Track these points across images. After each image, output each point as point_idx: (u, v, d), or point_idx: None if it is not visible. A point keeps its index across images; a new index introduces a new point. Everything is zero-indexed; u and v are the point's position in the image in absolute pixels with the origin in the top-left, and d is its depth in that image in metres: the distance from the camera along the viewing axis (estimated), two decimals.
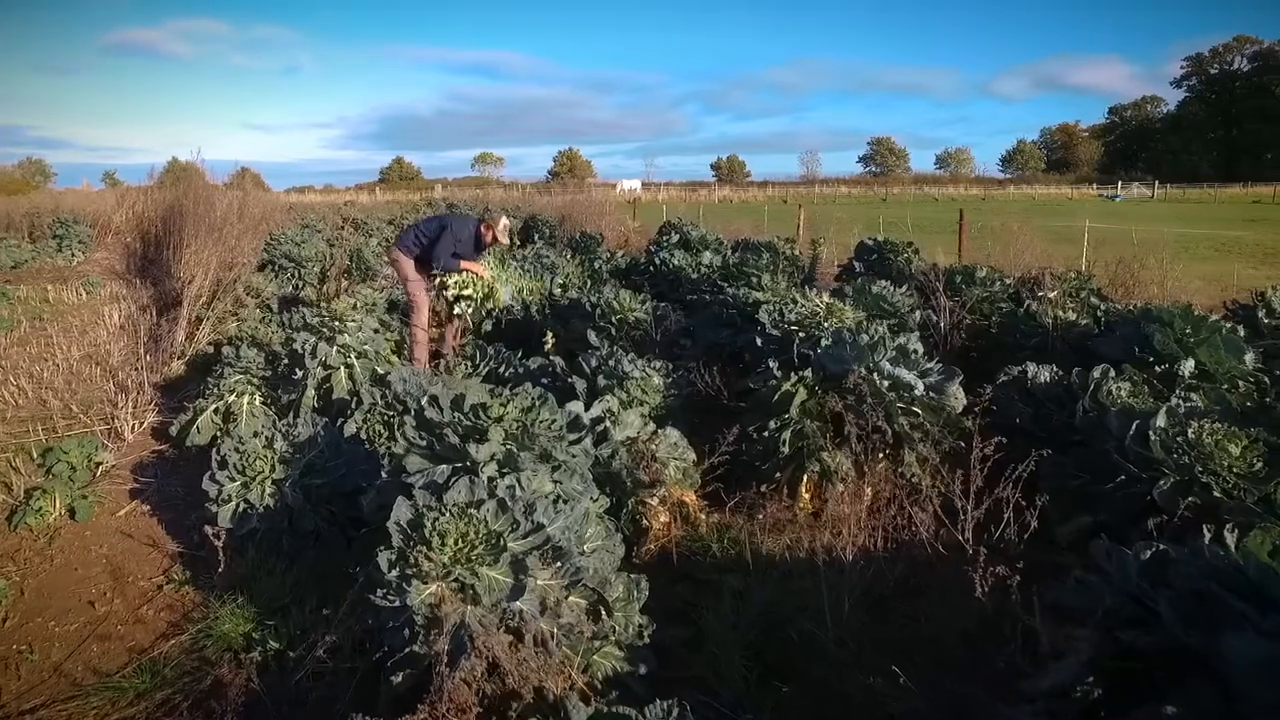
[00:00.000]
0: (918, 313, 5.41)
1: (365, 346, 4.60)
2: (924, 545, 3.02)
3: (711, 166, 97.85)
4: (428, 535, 2.19)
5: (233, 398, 4.60)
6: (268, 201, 13.42)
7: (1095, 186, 61.99)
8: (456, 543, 2.20)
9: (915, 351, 3.91)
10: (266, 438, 3.39)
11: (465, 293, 5.72)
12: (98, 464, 4.20)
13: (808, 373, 3.94)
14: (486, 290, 5.77)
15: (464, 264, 5.71)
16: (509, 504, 2.31)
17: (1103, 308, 5.17)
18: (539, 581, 2.23)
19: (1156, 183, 55.32)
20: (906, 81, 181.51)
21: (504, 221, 5.92)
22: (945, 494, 3.48)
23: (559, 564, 2.30)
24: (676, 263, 8.92)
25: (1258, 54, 78.71)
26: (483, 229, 5.85)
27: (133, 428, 4.90)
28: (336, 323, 4.51)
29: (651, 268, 9.25)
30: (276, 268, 8.30)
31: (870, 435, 3.44)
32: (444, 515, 2.25)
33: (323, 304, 6.38)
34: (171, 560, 3.35)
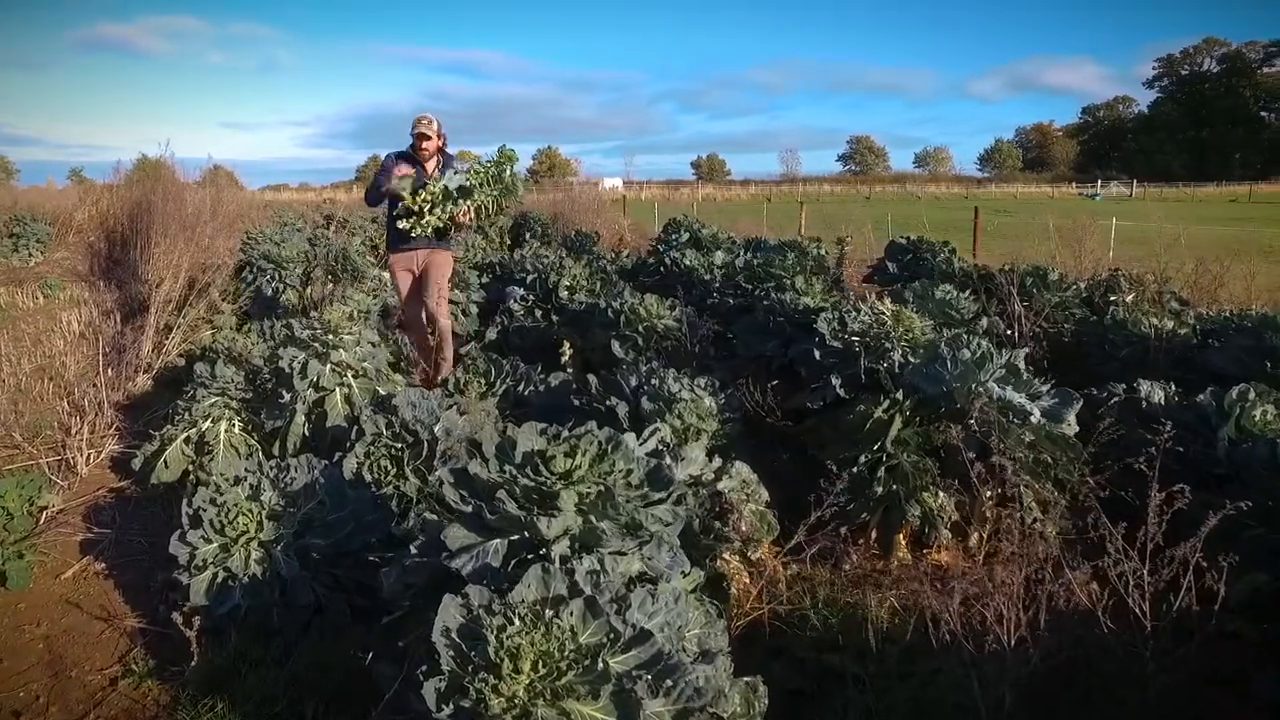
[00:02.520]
0: (984, 320, 4.84)
1: (364, 364, 3.92)
2: (1081, 617, 2.43)
3: (692, 165, 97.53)
4: (494, 656, 1.55)
5: (207, 424, 3.89)
6: (243, 199, 12.58)
7: (1075, 185, 62.46)
8: (535, 666, 1.55)
9: (1026, 370, 3.33)
10: (251, 485, 2.71)
11: (412, 207, 4.58)
12: (41, 508, 3.48)
13: (899, 394, 3.33)
14: (428, 197, 4.58)
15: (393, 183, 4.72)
16: (600, 603, 1.67)
17: (1192, 314, 4.63)
18: (648, 711, 1.59)
19: (1135, 181, 55.80)
20: (883, 81, 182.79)
21: (427, 115, 4.87)
22: (1071, 540, 2.93)
23: (668, 682, 1.67)
24: (689, 263, 8.30)
25: (1226, 56, 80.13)
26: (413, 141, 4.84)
27: (88, 459, 4.16)
28: (330, 336, 3.82)
29: (662, 268, 8.63)
30: (255, 269, 7.55)
31: (999, 474, 2.84)
32: (512, 623, 1.61)
33: (311, 312, 5.67)
34: (131, 641, 2.66)
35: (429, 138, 4.81)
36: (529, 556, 1.90)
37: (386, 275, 8.88)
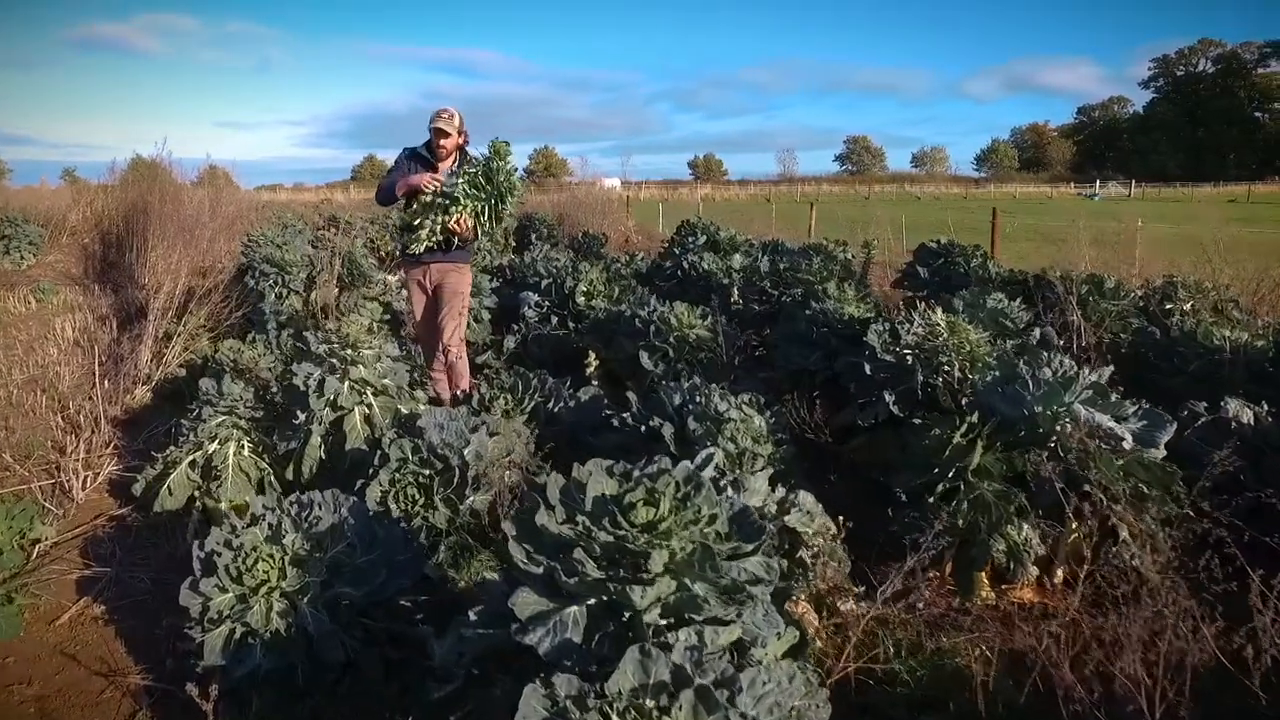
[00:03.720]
0: (1036, 330, 4.57)
1: (385, 381, 3.62)
2: (1212, 676, 2.15)
3: (689, 165, 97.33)
4: None
5: (215, 446, 3.60)
6: (241, 199, 12.24)
7: (1073, 185, 62.44)
8: None
9: (1115, 391, 3.05)
10: (270, 525, 2.41)
11: (425, 220, 4.17)
12: (34, 541, 3.18)
13: (974, 417, 3.05)
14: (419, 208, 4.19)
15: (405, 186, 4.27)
16: (711, 692, 1.38)
17: (1259, 324, 4.37)
18: None
19: (1133, 182, 55.80)
20: (877, 81, 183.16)
21: (447, 108, 4.37)
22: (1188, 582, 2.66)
23: None
24: (707, 266, 8.02)
25: (1221, 56, 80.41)
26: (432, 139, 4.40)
27: (84, 482, 3.86)
28: (349, 351, 3.52)
29: (679, 272, 8.34)
30: (257, 274, 7.23)
31: (1094, 506, 2.56)
32: None
33: (326, 324, 5.36)
34: (135, 701, 2.36)
35: (448, 135, 4.34)
36: (614, 629, 1.61)
37: (392, 279, 8.60)
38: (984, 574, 2.90)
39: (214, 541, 2.37)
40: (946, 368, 3.88)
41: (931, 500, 2.91)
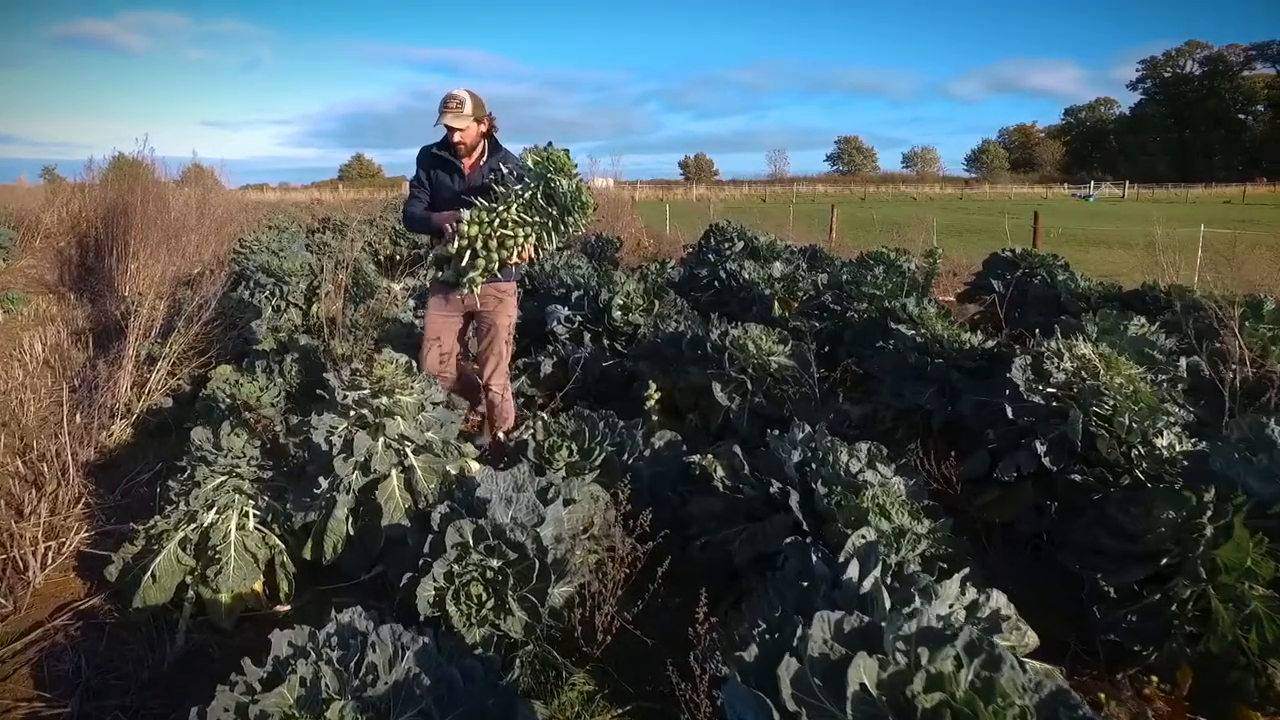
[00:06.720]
0: (1182, 361, 3.90)
1: (429, 435, 2.87)
2: None
3: (680, 165, 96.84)
4: None
5: (211, 516, 2.84)
6: (231, 200, 11.39)
7: (1066, 186, 62.47)
8: None
9: None
10: (305, 681, 1.67)
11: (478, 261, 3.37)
12: None
13: (1210, 494, 2.34)
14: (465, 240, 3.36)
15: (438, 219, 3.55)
16: None
17: None
18: None
19: (1127, 182, 55.83)
20: (864, 81, 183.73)
21: (453, 94, 3.50)
22: None
23: None
24: (749, 276, 7.31)
25: (1208, 59, 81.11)
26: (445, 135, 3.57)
27: (46, 558, 3.08)
28: (384, 399, 2.77)
29: (716, 282, 7.61)
30: (252, 285, 6.44)
31: None
32: None
33: (333, 342, 4.60)
34: None
35: (459, 129, 3.48)
36: None
37: (397, 288, 7.82)
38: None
39: (221, 709, 1.62)
40: (1099, 412, 3.20)
41: (1173, 607, 2.21)
